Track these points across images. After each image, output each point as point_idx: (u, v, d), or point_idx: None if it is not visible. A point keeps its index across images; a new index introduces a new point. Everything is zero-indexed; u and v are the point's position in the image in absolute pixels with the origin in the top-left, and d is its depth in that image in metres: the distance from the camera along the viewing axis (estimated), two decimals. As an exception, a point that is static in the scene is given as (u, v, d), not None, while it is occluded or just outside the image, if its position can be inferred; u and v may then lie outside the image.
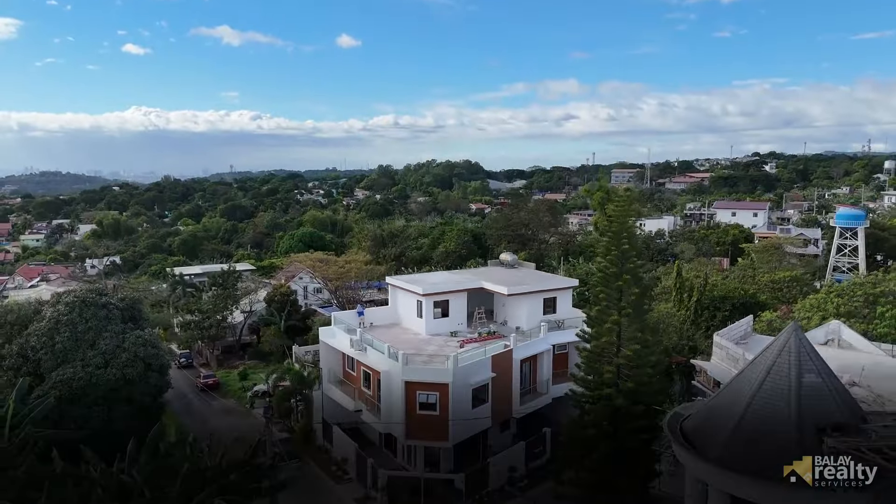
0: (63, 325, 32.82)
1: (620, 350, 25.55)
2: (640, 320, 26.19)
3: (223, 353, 65.13)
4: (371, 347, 32.64)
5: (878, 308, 30.92)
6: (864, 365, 21.86)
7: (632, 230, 30.04)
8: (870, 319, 30.74)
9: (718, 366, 25.33)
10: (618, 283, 26.87)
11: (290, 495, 28.00)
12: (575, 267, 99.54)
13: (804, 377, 16.73)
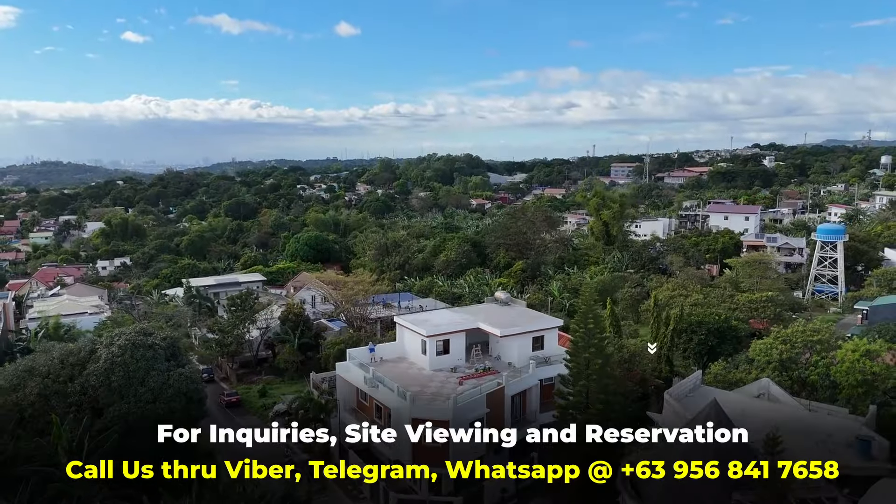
0: (117, 366, 37.83)
1: (588, 408, 30.63)
2: (603, 383, 31.11)
3: (240, 367, 70.35)
4: (382, 385, 37.82)
5: (814, 356, 35.74)
6: (781, 420, 26.67)
7: (597, 313, 34.48)
8: (806, 366, 35.53)
9: (667, 418, 30.07)
10: (585, 355, 31.73)
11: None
12: (570, 276, 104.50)
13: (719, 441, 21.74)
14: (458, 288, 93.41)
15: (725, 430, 24.54)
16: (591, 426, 26.22)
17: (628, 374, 44.38)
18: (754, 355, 38.41)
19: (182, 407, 38.19)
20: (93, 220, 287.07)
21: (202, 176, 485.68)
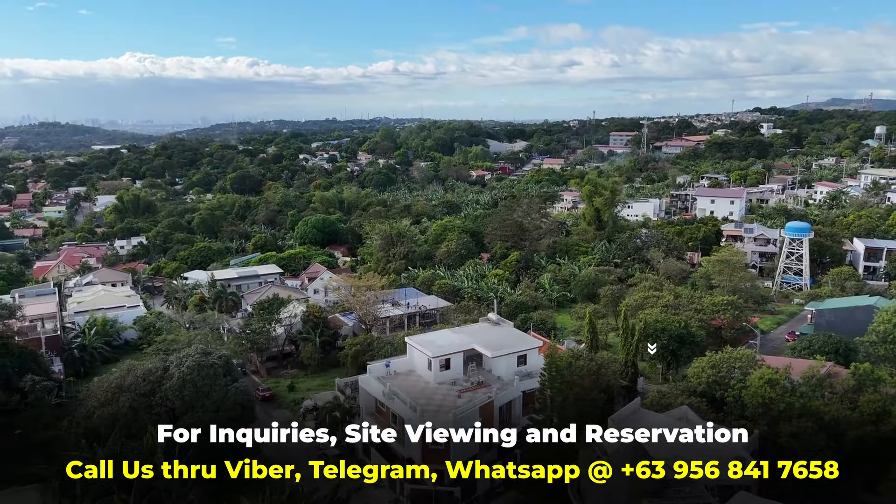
0: (188, 383, 47.45)
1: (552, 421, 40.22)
2: (564, 411, 40.80)
3: (267, 360, 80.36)
4: (397, 398, 47.59)
5: (733, 381, 45.18)
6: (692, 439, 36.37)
7: (561, 369, 43.19)
8: (726, 388, 45.00)
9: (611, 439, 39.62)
10: (551, 391, 41.25)
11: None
12: (560, 267, 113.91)
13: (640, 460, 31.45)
14: (458, 280, 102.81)
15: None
16: (550, 430, 35.87)
17: (596, 381, 54.14)
18: (691, 376, 48.01)
19: (238, 416, 48.26)
20: (102, 193, 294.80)
21: (204, 143, 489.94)
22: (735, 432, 34.10)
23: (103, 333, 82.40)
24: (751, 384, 41.89)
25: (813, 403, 40.17)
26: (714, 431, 34.81)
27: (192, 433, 41.61)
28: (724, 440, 34.91)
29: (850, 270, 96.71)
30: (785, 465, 32.40)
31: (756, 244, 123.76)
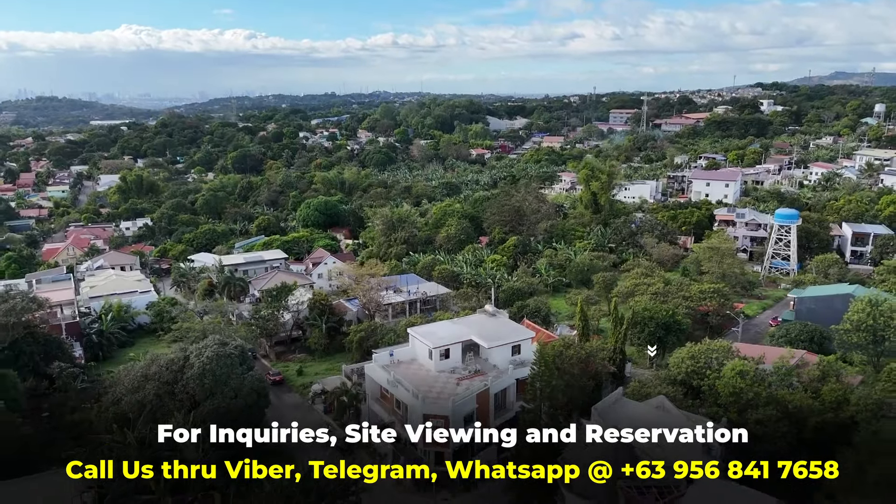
0: (208, 372, 51.35)
1: (541, 416, 44.18)
2: (553, 399, 44.49)
3: (276, 344, 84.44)
4: (401, 385, 51.54)
5: (709, 371, 49.06)
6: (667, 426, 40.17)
7: (549, 363, 46.55)
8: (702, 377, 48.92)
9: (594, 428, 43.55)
10: (541, 384, 45.01)
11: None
12: (557, 252, 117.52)
13: (614, 452, 35.53)
14: (457, 266, 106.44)
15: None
16: (533, 429, 39.90)
17: (585, 369, 58.11)
18: (672, 366, 51.97)
19: (254, 402, 52.39)
20: (105, 172, 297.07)
21: (204, 120, 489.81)
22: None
23: (119, 319, 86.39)
24: (724, 374, 45.80)
25: (778, 393, 44.10)
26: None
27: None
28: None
29: (834, 257, 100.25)
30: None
31: (747, 229, 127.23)
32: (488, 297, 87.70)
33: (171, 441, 46.69)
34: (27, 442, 48.22)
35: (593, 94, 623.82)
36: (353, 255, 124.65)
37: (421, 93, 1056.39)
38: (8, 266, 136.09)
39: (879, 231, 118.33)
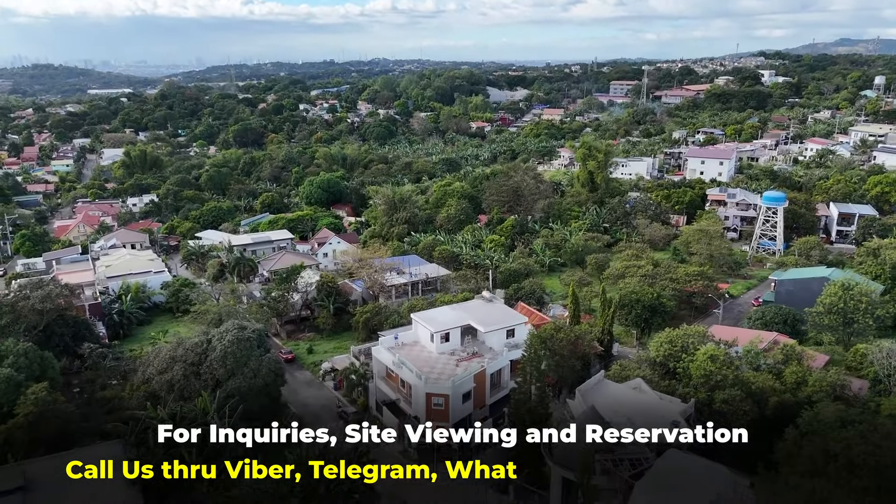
0: (229, 354, 56.33)
1: (531, 396, 49.13)
2: (540, 379, 49.46)
3: (286, 323, 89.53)
4: (405, 366, 56.61)
5: (684, 355, 54.15)
6: (641, 405, 45.55)
7: (538, 350, 51.00)
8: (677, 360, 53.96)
9: (577, 406, 48.34)
10: (531, 368, 49.86)
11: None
12: (553, 232, 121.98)
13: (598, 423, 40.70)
14: (457, 247, 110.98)
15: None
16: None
17: (574, 350, 63.17)
18: (652, 349, 57.00)
19: (272, 381, 57.62)
20: (108, 146, 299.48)
21: (203, 91, 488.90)
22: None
23: (137, 299, 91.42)
24: (697, 358, 50.74)
25: (743, 375, 49.06)
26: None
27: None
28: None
29: (815, 240, 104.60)
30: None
31: (738, 209, 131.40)
32: (486, 278, 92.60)
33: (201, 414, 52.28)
34: (69, 418, 53.44)
35: (594, 63, 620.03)
36: (356, 235, 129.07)
37: (420, 60, 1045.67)
38: (22, 244, 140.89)
39: (865, 211, 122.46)
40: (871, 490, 31.20)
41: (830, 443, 34.21)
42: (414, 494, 49.87)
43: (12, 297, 65.43)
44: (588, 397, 45.84)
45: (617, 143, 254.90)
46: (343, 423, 60.89)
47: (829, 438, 34.84)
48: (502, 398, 57.77)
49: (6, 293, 66.80)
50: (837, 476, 32.45)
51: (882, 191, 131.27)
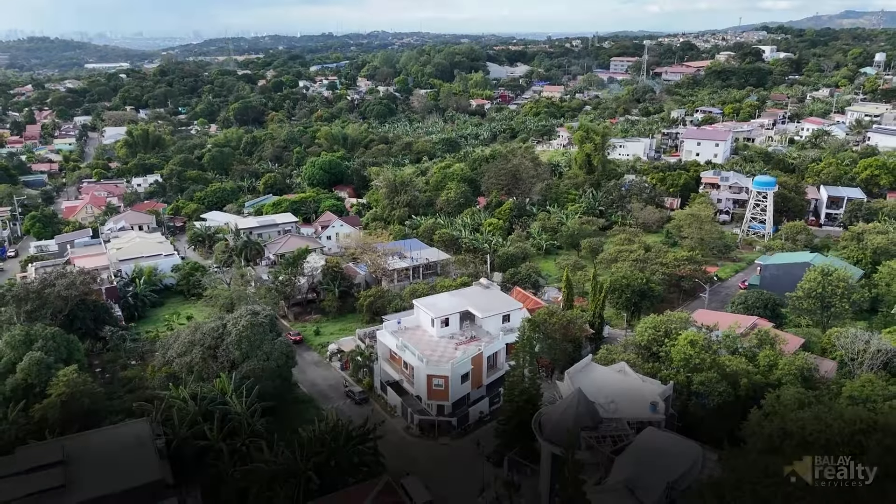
0: (244, 338, 60.37)
1: (524, 378, 53.26)
2: (532, 363, 53.39)
3: (293, 305, 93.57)
4: (408, 349, 60.72)
5: (667, 339, 58.19)
6: (624, 387, 49.59)
7: (532, 341, 54.64)
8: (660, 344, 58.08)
9: (565, 387, 52.48)
10: (521, 354, 53.79)
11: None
12: (550, 215, 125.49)
13: (578, 408, 44.41)
14: (456, 230, 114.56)
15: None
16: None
17: (566, 333, 67.29)
18: (637, 333, 60.96)
19: (284, 363, 61.90)
20: (109, 124, 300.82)
21: (202, 66, 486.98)
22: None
23: (149, 282, 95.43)
24: (678, 343, 54.79)
25: (720, 358, 53.14)
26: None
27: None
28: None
29: (801, 224, 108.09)
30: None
31: (731, 192, 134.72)
32: (484, 262, 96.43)
33: (219, 396, 56.60)
34: (97, 397, 57.81)
35: (595, 37, 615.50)
36: (358, 218, 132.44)
37: (420, 33, 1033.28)
38: (33, 225, 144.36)
39: (853, 195, 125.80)
40: (820, 465, 35.44)
41: (788, 423, 38.34)
42: (416, 467, 54.51)
43: (38, 284, 69.29)
44: (576, 379, 50.05)
45: (616, 123, 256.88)
46: (350, 401, 65.75)
47: (787, 419, 39.00)
48: (498, 378, 62.07)
49: (33, 280, 70.58)
50: (791, 453, 36.73)
51: (872, 174, 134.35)
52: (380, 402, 64.87)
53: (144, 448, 48.56)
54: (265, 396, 58.14)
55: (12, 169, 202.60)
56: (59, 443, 48.82)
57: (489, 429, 58.13)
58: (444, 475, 53.60)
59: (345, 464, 47.47)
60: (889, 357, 53.66)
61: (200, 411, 54.85)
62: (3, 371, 59.62)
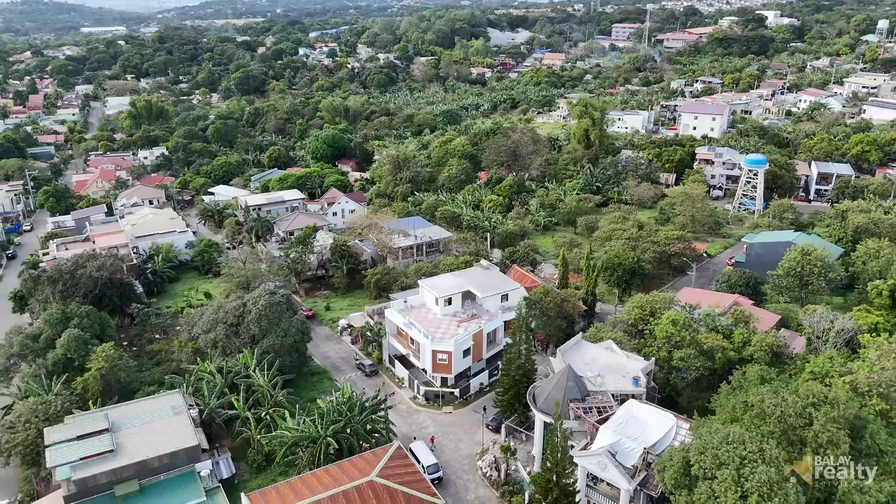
0: (263, 316, 65.60)
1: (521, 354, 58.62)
2: (527, 341, 58.67)
3: (303, 282, 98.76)
4: (414, 327, 66.02)
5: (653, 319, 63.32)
6: (610, 363, 54.93)
7: (528, 321, 59.48)
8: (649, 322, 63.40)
9: (559, 364, 57.79)
10: (518, 333, 58.92)
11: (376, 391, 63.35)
12: (548, 191, 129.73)
13: (568, 382, 49.88)
14: (458, 207, 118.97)
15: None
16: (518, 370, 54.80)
17: (560, 311, 72.57)
18: (625, 312, 66.08)
19: (300, 339, 67.40)
20: (111, 94, 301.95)
21: (201, 32, 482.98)
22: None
23: (167, 259, 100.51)
24: (661, 322, 60.00)
25: (698, 336, 58.36)
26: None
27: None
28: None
29: (789, 203, 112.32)
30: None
31: (724, 168, 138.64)
32: (484, 240, 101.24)
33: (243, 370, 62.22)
34: (132, 371, 63.46)
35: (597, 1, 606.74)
36: (362, 194, 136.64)
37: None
38: (46, 199, 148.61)
39: (842, 171, 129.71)
40: (774, 434, 40.83)
41: (750, 396, 43.68)
42: (422, 433, 60.47)
43: (70, 265, 74.33)
44: (567, 356, 55.52)
45: (616, 93, 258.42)
46: (361, 373, 71.50)
47: (749, 393, 44.33)
48: (497, 353, 67.67)
49: (65, 262, 75.54)
50: (750, 423, 42.10)
51: (862, 150, 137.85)
52: (388, 374, 70.60)
53: (180, 416, 54.32)
54: (283, 370, 63.86)
55: (20, 141, 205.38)
56: (103, 412, 54.51)
57: (488, 398, 64.03)
58: (448, 440, 59.58)
59: (360, 431, 53.24)
60: (851, 335, 58.94)
61: (227, 383, 60.65)
62: (43, 346, 65.12)
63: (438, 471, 54.05)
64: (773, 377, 47.63)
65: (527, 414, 55.73)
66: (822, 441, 39.70)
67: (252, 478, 54.72)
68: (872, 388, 47.48)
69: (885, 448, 41.28)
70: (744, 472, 37.55)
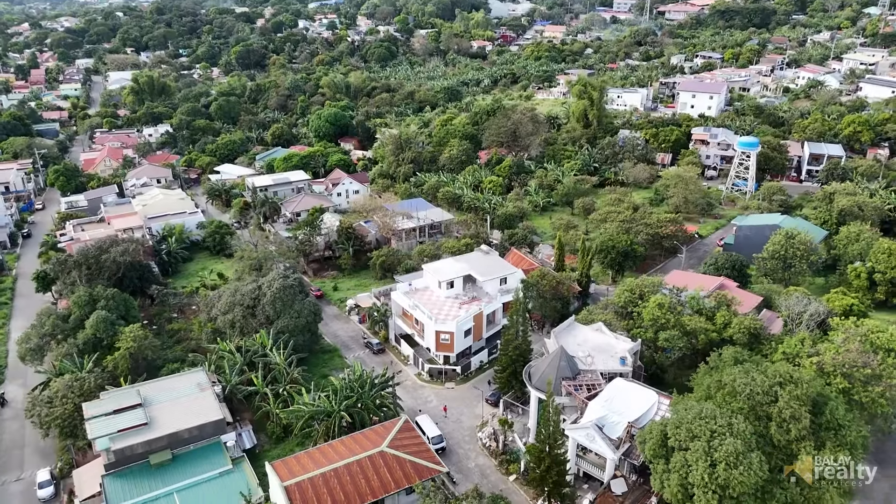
0: (278, 299, 70.14)
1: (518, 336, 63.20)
2: (524, 324, 63.33)
3: (311, 262, 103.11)
4: (419, 308, 70.64)
5: (641, 302, 67.61)
6: (600, 343, 59.67)
7: (526, 308, 63.95)
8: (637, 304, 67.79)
9: (552, 344, 62.47)
10: (515, 316, 63.29)
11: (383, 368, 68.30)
12: (547, 172, 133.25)
13: (561, 361, 54.52)
14: (458, 189, 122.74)
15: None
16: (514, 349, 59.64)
17: (555, 293, 77.13)
18: (615, 296, 70.52)
19: (312, 320, 72.14)
20: (112, 68, 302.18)
21: (199, 3, 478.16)
22: None
23: (180, 241, 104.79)
24: (648, 305, 64.54)
25: (682, 318, 62.93)
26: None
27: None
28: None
29: (778, 185, 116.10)
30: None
31: (719, 148, 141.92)
32: (484, 221, 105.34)
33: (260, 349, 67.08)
34: (157, 350, 68.32)
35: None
36: (365, 174, 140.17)
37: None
38: (57, 178, 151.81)
39: (834, 152, 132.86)
40: (743, 410, 45.57)
41: (724, 376, 48.36)
42: (427, 406, 65.64)
43: (95, 250, 78.65)
44: (560, 337, 60.27)
45: (616, 68, 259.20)
46: (369, 351, 76.45)
47: (723, 373, 49.03)
48: (496, 333, 72.49)
49: (91, 247, 79.74)
50: (722, 400, 46.84)
51: (854, 130, 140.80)
52: (395, 352, 75.58)
53: (206, 392, 59.31)
54: (297, 348, 68.70)
55: (25, 118, 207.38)
56: (135, 388, 59.44)
57: (488, 375, 69.12)
58: (451, 414, 64.77)
59: (370, 405, 58.26)
60: (824, 317, 63.59)
61: (245, 361, 65.54)
62: (73, 327, 69.87)
63: (442, 441, 59.29)
64: (746, 358, 52.26)
65: (523, 390, 60.71)
66: (786, 416, 44.54)
67: (272, 448, 59.96)
68: (837, 369, 52.21)
69: (842, 423, 46.18)
70: (713, 443, 42.47)
